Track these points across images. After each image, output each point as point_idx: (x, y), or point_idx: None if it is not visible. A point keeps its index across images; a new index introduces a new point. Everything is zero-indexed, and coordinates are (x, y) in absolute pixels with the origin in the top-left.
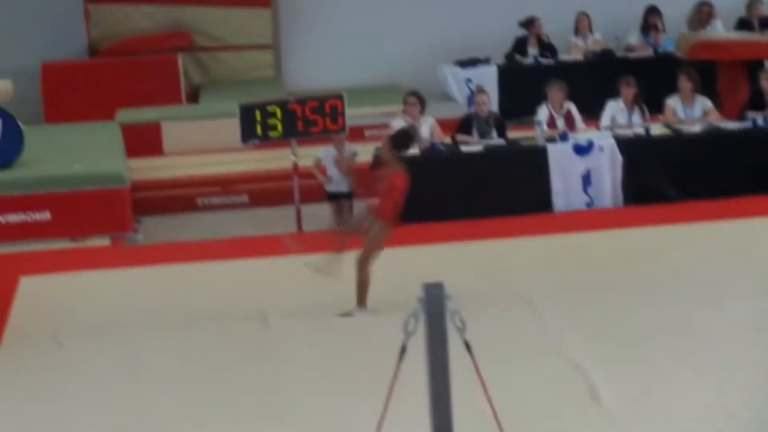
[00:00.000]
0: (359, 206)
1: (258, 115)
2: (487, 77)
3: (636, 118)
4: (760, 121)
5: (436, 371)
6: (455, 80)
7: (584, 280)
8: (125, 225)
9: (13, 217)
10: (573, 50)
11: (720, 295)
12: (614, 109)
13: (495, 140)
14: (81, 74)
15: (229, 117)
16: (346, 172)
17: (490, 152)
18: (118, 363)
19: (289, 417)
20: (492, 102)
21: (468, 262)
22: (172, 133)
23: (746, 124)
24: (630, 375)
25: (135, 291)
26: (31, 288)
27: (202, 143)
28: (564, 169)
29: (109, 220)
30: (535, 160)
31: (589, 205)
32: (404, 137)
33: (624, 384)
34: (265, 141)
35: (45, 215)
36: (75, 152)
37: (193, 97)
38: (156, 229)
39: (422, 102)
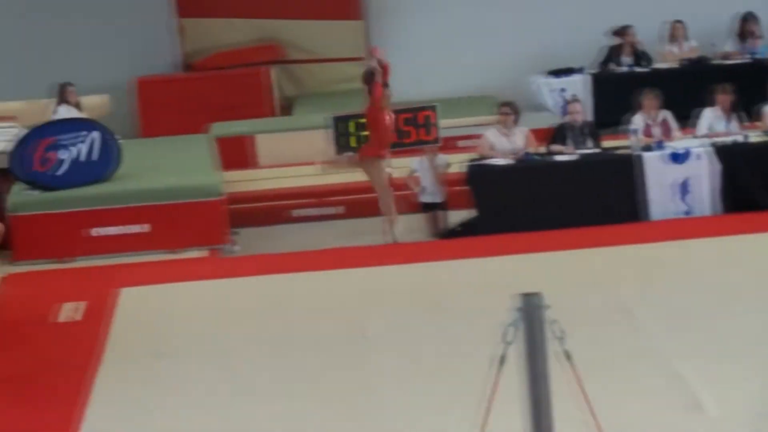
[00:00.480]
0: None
1: (351, 127)
2: (580, 86)
3: (733, 125)
4: None
5: (535, 382)
6: (548, 90)
7: (683, 288)
8: (221, 237)
9: (112, 230)
10: (667, 58)
11: None
12: (711, 117)
13: (589, 149)
14: (176, 88)
15: (323, 129)
16: (439, 182)
17: (584, 161)
18: (217, 374)
19: (387, 430)
20: (585, 111)
21: (564, 272)
22: (266, 145)
23: None
24: (732, 383)
25: (232, 302)
26: (130, 300)
27: (296, 155)
28: (660, 178)
29: (206, 232)
30: (631, 168)
31: (686, 213)
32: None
33: (727, 393)
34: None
35: (143, 228)
36: (171, 165)
37: (287, 109)
38: (252, 240)
39: (516, 112)
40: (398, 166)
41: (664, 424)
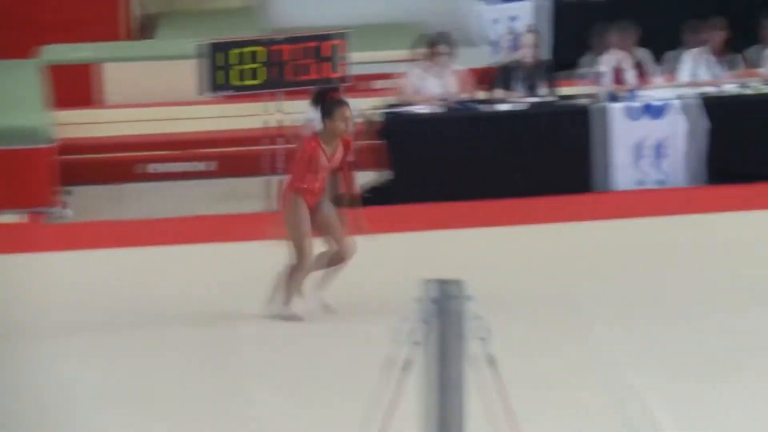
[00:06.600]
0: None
1: (232, 58)
2: (534, 15)
3: (725, 71)
4: None
5: (447, 393)
6: (491, 19)
7: (646, 280)
8: (48, 197)
9: None
10: None
11: None
12: (697, 60)
13: (542, 97)
14: None
15: (192, 58)
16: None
17: (533, 112)
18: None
19: None
20: (541, 47)
21: (496, 255)
22: (114, 78)
23: None
24: (698, 403)
25: (59, 283)
26: None
27: (155, 92)
28: (630, 137)
29: (27, 191)
30: (593, 123)
31: (661, 183)
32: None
33: (690, 415)
34: (240, 92)
35: None
36: None
37: (147, 31)
38: (91, 203)
39: (451, 46)
40: (290, 111)
41: None
